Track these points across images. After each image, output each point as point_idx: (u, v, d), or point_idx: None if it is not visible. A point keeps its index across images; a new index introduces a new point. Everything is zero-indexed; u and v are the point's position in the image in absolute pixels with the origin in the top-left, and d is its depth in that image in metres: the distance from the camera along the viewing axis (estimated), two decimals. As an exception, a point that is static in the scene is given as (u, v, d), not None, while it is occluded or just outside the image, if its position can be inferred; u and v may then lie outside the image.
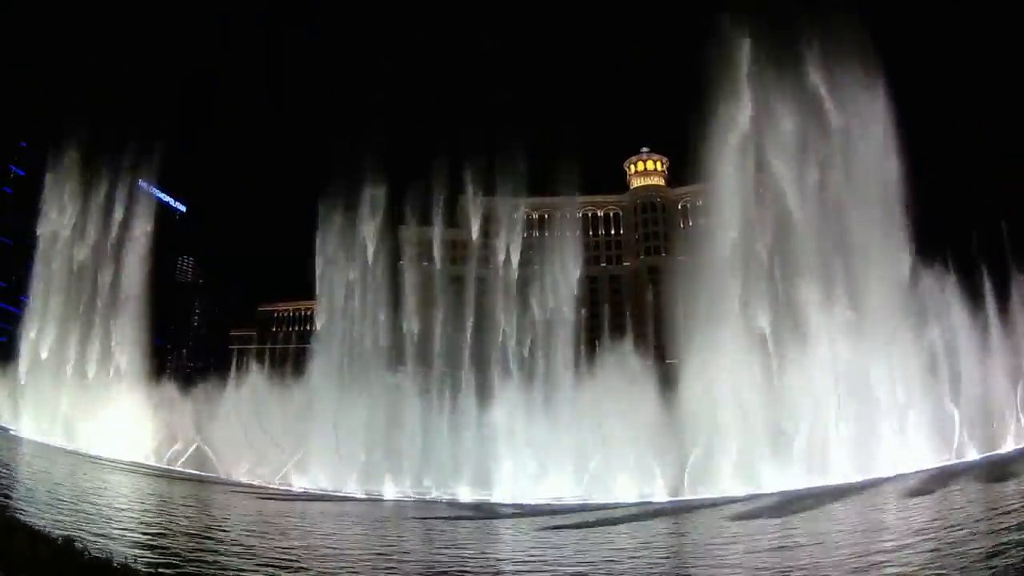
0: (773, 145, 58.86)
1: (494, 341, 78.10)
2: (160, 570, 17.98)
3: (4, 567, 12.66)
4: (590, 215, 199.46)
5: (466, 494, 56.70)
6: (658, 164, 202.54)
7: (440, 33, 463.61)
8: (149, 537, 25.12)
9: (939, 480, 40.70)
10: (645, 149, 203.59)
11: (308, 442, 63.08)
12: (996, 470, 40.92)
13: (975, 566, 17.42)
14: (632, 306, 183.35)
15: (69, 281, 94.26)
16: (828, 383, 50.48)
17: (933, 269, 56.52)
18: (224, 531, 31.20)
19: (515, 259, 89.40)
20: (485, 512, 48.62)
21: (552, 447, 56.68)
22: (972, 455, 49.10)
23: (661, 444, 52.31)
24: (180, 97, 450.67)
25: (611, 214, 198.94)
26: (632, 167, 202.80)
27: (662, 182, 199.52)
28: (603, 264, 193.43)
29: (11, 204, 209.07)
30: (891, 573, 18.28)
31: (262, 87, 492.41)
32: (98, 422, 73.96)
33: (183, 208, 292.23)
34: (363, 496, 57.00)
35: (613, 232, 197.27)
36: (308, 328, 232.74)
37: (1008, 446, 50.52)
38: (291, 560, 23.58)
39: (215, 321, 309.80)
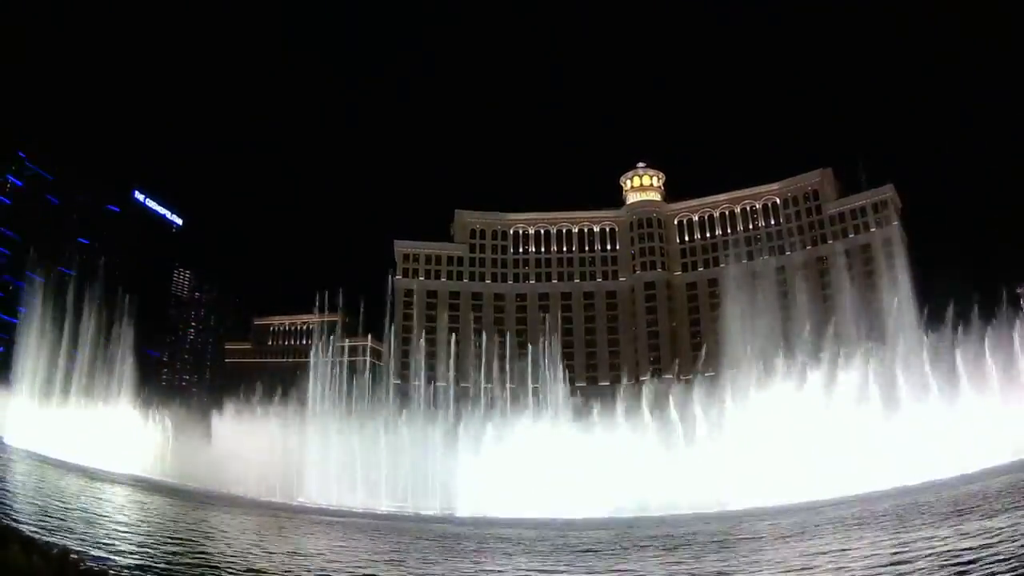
0: None
1: None
2: None
3: None
4: (586, 230, 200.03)
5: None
6: (654, 179, 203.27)
7: (437, 46, 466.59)
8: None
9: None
10: (641, 164, 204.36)
11: None
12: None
13: None
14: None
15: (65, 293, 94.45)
16: None
17: None
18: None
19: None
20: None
21: None
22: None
23: None
24: (178, 109, 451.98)
25: (607, 229, 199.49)
26: (628, 182, 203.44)
27: (658, 197, 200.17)
28: (599, 279, 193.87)
29: (9, 214, 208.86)
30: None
31: (261, 98, 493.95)
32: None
33: (179, 221, 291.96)
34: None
35: (609, 247, 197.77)
36: (304, 341, 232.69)
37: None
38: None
39: (211, 334, 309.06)
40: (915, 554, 21.38)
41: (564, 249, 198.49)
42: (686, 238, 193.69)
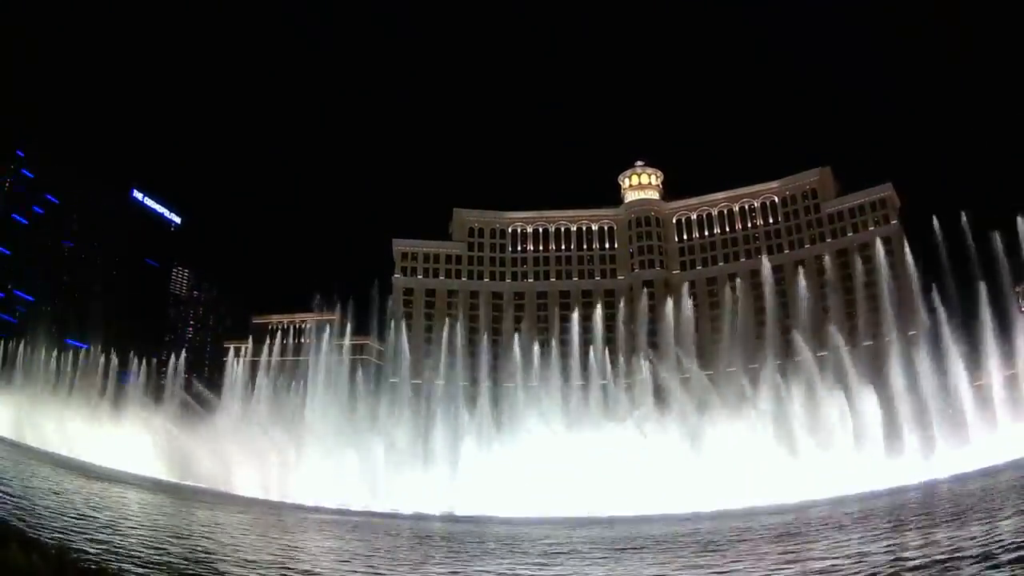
0: None
1: None
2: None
3: None
4: (584, 228, 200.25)
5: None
6: (653, 177, 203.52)
7: (436, 45, 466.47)
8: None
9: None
10: (640, 162, 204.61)
11: None
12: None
13: None
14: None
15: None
16: None
17: None
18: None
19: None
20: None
21: None
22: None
23: None
24: (177, 109, 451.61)
25: (605, 228, 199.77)
26: (627, 180, 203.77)
27: (657, 195, 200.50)
28: (597, 278, 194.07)
29: (8, 213, 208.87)
30: None
31: (260, 97, 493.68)
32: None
33: (178, 220, 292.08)
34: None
35: (607, 246, 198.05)
36: (302, 340, 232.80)
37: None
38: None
39: (209, 332, 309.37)
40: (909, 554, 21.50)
41: (562, 248, 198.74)
42: (684, 237, 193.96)
